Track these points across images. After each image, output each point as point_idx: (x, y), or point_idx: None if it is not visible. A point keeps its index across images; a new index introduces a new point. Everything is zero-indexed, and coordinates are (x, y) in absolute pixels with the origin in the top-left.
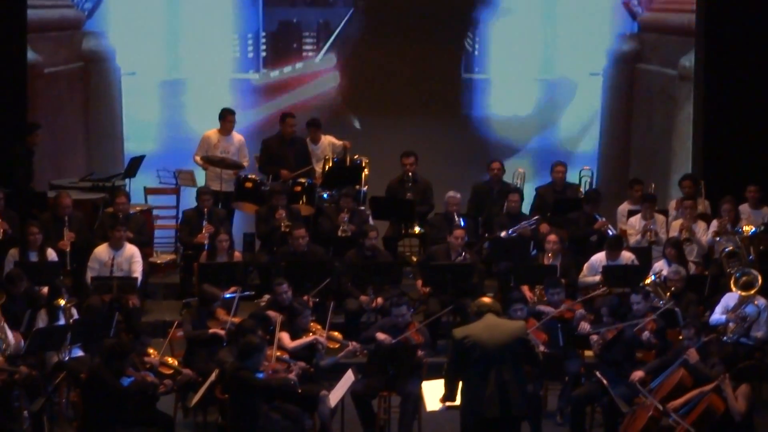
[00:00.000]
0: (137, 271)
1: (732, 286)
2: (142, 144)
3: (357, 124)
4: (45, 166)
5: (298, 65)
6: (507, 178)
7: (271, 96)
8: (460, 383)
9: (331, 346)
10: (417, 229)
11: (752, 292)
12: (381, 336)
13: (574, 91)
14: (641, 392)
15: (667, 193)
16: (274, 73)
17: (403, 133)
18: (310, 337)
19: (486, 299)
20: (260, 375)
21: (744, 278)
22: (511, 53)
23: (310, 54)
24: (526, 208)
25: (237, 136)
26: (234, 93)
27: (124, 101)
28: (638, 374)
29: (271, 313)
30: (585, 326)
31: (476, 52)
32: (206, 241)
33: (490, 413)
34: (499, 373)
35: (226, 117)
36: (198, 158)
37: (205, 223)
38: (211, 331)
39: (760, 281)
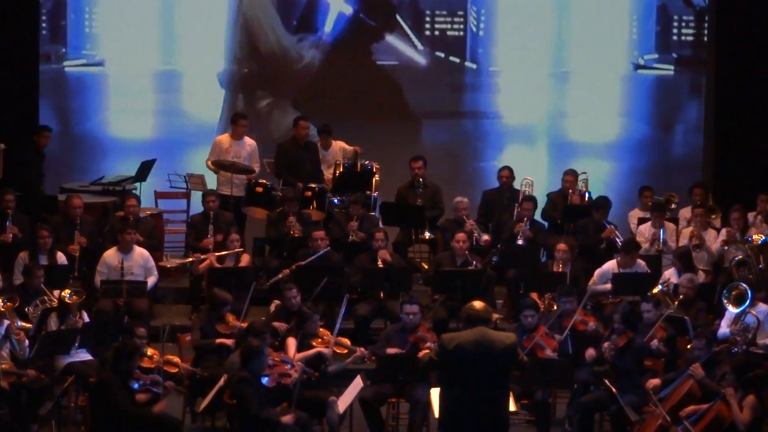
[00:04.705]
0: (152, 278)
1: (726, 304)
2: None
3: None
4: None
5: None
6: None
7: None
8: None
9: (339, 352)
10: (427, 235)
11: (746, 303)
12: (392, 351)
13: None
14: (652, 401)
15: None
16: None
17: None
18: (313, 351)
19: (478, 306)
20: (265, 379)
21: (734, 292)
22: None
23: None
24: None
25: (249, 141)
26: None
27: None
28: (653, 382)
29: (277, 324)
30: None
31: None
32: (211, 247)
33: (463, 427)
34: (478, 388)
35: (238, 121)
36: (209, 163)
37: (210, 227)
38: (218, 341)
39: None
